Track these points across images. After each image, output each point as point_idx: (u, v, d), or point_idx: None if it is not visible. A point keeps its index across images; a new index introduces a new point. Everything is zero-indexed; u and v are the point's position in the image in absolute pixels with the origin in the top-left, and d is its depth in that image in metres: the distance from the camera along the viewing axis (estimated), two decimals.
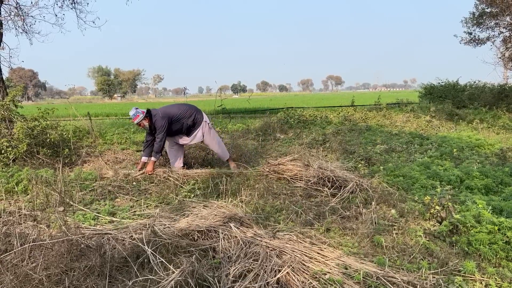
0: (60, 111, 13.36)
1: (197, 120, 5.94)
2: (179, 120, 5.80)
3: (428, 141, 8.38)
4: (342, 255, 3.03)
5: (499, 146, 7.61)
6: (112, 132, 9.49)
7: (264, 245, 3.04)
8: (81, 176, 5.47)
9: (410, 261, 3.01)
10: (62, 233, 3.06)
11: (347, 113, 13.89)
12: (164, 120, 5.63)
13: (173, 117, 5.75)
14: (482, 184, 4.90)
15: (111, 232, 3.38)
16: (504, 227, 3.27)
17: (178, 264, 2.75)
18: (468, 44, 19.34)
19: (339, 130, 10.34)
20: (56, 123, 7.73)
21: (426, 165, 5.92)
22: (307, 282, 2.61)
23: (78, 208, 4.22)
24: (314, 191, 4.87)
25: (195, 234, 3.34)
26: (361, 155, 6.75)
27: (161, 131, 5.59)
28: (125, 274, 2.77)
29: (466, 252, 3.17)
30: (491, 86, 18.82)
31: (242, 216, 3.64)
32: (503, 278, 2.70)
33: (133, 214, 4.17)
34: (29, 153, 6.53)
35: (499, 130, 10.45)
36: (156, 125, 5.65)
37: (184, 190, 4.83)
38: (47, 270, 2.64)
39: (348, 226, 3.69)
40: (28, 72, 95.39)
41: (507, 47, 19.06)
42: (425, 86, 20.07)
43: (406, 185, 4.99)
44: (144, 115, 5.64)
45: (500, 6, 16.58)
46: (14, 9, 10.11)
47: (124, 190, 5.01)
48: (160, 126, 5.61)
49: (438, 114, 12.69)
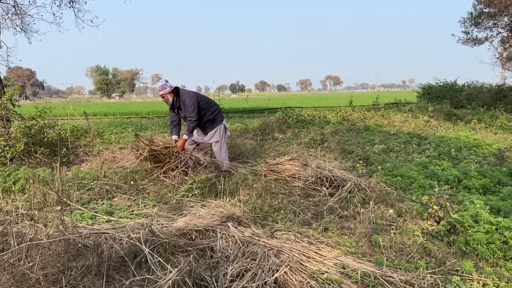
0: (58, 110, 13.36)
1: (217, 118, 5.94)
2: (204, 108, 5.79)
3: (426, 141, 8.38)
4: (340, 254, 3.03)
5: (497, 146, 7.62)
6: (110, 131, 9.47)
7: (262, 245, 3.04)
8: (78, 176, 5.46)
9: (408, 261, 3.01)
10: (59, 233, 3.05)
11: (345, 113, 13.90)
12: (193, 99, 5.64)
13: (201, 102, 5.76)
14: (480, 184, 4.91)
15: (109, 232, 3.37)
16: (501, 227, 3.27)
17: (176, 264, 2.74)
18: (466, 44, 19.40)
19: (338, 130, 10.35)
20: (54, 122, 7.72)
21: (424, 165, 5.93)
22: (305, 281, 2.61)
23: (75, 208, 4.21)
24: (312, 190, 4.87)
25: (193, 234, 3.33)
26: (359, 155, 6.75)
27: (192, 110, 5.60)
28: (122, 274, 2.76)
29: (464, 252, 3.17)
30: (489, 86, 18.88)
31: (240, 216, 3.64)
32: (500, 278, 2.70)
33: (131, 213, 4.16)
34: (26, 152, 6.51)
35: (497, 130, 10.47)
36: (186, 103, 5.64)
37: (182, 190, 4.82)
38: (44, 270, 2.63)
39: (346, 226, 3.69)
40: (26, 71, 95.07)
41: (505, 47, 19.12)
42: (423, 86, 20.11)
43: (404, 184, 5.00)
44: (170, 90, 5.64)
45: (498, 7, 16.62)
46: (12, 8, 10.08)
47: (122, 190, 5.00)
48: (191, 105, 5.61)
49: (436, 114, 12.71)
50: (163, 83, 5.67)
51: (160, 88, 5.67)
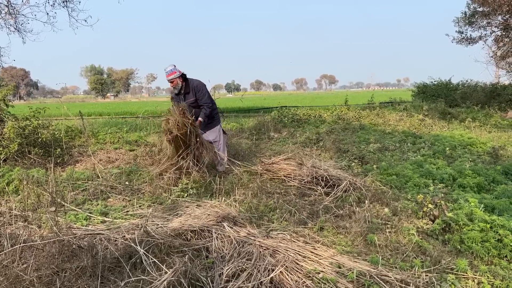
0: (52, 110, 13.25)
1: (216, 117, 5.94)
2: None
3: (421, 139, 8.41)
4: (335, 254, 3.03)
5: (491, 145, 7.66)
6: (104, 131, 9.41)
7: (258, 245, 3.03)
8: (73, 176, 5.42)
9: (403, 260, 3.01)
10: (54, 234, 3.03)
11: (340, 112, 13.91)
12: (204, 86, 5.61)
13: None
14: (475, 183, 4.93)
15: (103, 232, 3.35)
16: (496, 225, 3.29)
17: (171, 264, 2.73)
18: (460, 43, 19.50)
19: (333, 129, 10.36)
20: (48, 122, 7.66)
21: (419, 164, 5.95)
22: (300, 281, 2.61)
23: (70, 208, 4.18)
24: (308, 190, 4.87)
25: (188, 234, 3.32)
26: (355, 154, 6.76)
27: (205, 94, 5.59)
28: (117, 275, 2.74)
29: (459, 250, 3.19)
30: (483, 85, 19.01)
31: (235, 216, 3.63)
32: (495, 276, 2.71)
33: (125, 214, 4.14)
34: (20, 153, 6.46)
35: (491, 128, 10.53)
36: (199, 88, 5.59)
37: (177, 190, 4.80)
38: (38, 271, 2.61)
39: (341, 225, 3.69)
40: (20, 71, 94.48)
41: (498, 46, 19.23)
42: (418, 85, 20.18)
43: (399, 183, 5.01)
44: (180, 74, 5.56)
45: (492, 6, 16.71)
46: (5, 7, 10.00)
47: (117, 190, 4.97)
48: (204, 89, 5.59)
49: (431, 113, 12.76)
50: (171, 67, 5.52)
51: (170, 73, 5.51)
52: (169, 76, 5.53)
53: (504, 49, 19.18)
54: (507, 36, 18.31)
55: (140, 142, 8.20)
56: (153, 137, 8.95)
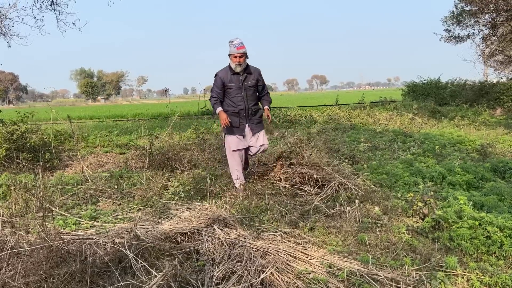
0: (41, 114, 13.12)
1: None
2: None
3: (411, 138, 8.47)
4: (326, 254, 3.03)
5: (480, 142, 7.74)
6: (95, 135, 9.34)
7: (248, 246, 3.02)
8: (62, 181, 5.37)
9: (394, 258, 3.02)
10: (41, 240, 2.99)
11: (331, 112, 13.98)
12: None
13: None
14: (464, 180, 4.97)
15: (93, 237, 3.32)
16: (484, 222, 3.32)
17: (161, 268, 2.71)
18: (448, 42, 19.68)
19: (324, 129, 10.40)
20: (36, 127, 7.57)
21: (409, 162, 5.98)
22: (291, 282, 2.60)
23: (59, 213, 4.13)
24: (298, 190, 4.87)
25: (178, 237, 3.30)
26: (345, 154, 6.79)
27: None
28: (106, 280, 2.72)
29: (448, 248, 3.21)
30: (472, 83, 19.22)
31: (226, 218, 3.61)
32: (484, 273, 2.73)
33: (115, 218, 4.10)
34: (8, 158, 6.38)
35: (480, 126, 10.65)
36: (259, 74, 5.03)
37: (167, 193, 4.77)
38: (26, 278, 2.57)
39: (332, 225, 3.70)
40: (8, 75, 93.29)
41: (486, 44, 19.46)
42: (408, 84, 20.36)
43: (390, 182, 5.04)
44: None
45: (479, 5, 16.90)
46: None
47: (107, 194, 4.93)
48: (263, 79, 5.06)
49: (420, 112, 12.87)
50: (240, 40, 4.72)
51: (242, 45, 4.69)
52: (241, 48, 4.70)
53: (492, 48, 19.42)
54: (494, 35, 18.54)
55: (130, 145, 8.14)
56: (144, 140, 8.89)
